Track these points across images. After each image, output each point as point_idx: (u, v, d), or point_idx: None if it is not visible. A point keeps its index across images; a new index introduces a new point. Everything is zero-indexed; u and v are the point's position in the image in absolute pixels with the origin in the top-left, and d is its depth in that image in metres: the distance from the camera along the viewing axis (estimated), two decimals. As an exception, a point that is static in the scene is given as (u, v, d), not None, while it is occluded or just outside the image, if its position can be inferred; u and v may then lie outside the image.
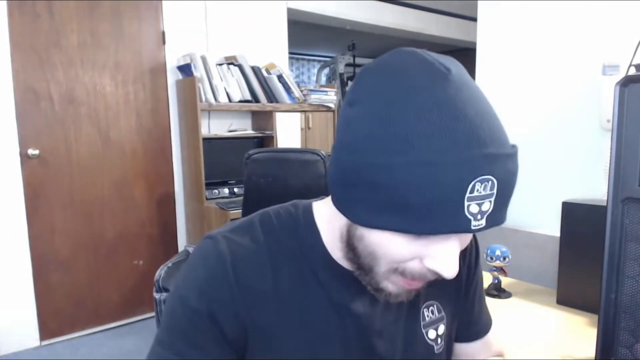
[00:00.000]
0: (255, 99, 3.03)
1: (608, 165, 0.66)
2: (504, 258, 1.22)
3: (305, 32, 4.64)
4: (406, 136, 0.43)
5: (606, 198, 0.66)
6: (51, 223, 2.60)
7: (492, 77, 1.60)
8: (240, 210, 2.31)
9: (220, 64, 2.96)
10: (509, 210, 0.48)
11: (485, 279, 1.28)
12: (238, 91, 2.98)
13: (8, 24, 2.37)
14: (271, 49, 3.36)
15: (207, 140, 2.89)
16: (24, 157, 2.48)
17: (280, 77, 3.13)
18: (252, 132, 3.19)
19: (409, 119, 0.43)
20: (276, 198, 0.73)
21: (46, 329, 2.61)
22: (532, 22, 1.47)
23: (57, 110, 2.58)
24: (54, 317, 2.64)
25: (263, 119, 3.20)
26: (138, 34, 2.83)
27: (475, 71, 1.68)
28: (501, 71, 1.57)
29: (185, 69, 2.88)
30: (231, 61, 3.01)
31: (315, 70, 7.70)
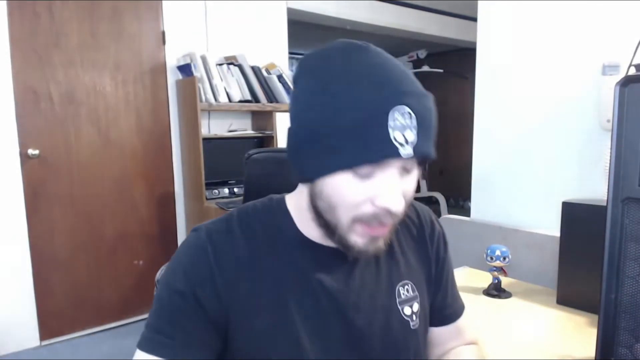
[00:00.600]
0: (255, 99, 3.03)
1: (608, 165, 0.66)
2: (504, 258, 1.22)
3: (305, 32, 4.63)
4: (334, 90, 0.53)
5: (606, 198, 0.66)
6: (51, 223, 2.60)
7: (492, 77, 1.60)
8: (240, 210, 2.30)
9: (220, 64, 2.96)
10: (509, 210, 0.48)
11: (485, 279, 1.29)
12: (238, 91, 2.98)
13: (8, 24, 2.37)
14: (271, 49, 3.35)
15: (207, 140, 2.89)
16: (24, 157, 2.48)
17: (280, 77, 3.13)
18: (252, 132, 3.19)
19: (335, 76, 0.54)
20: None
21: (46, 329, 2.61)
22: (532, 22, 1.47)
23: (57, 110, 2.58)
24: (54, 317, 2.64)
25: (263, 119, 3.20)
26: (138, 34, 2.83)
27: (475, 71, 1.68)
28: (501, 71, 1.57)
29: (185, 69, 2.88)
30: (231, 61, 3.01)
31: (315, 70, 7.68)
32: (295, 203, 0.65)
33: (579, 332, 1.03)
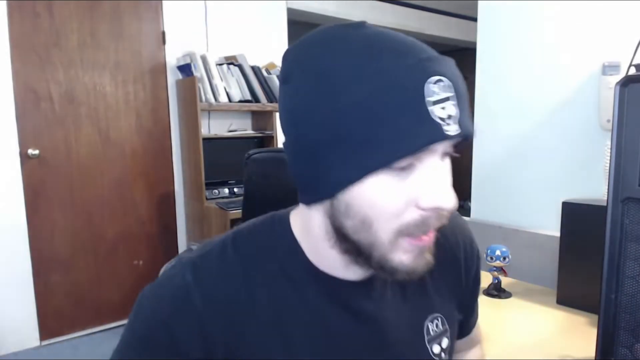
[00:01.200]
0: (255, 99, 3.03)
1: (608, 165, 0.66)
2: (504, 258, 1.22)
3: (305, 32, 4.63)
4: (343, 73, 0.42)
5: (606, 198, 0.66)
6: (51, 223, 2.60)
7: (492, 77, 1.60)
8: (240, 210, 2.31)
9: (220, 64, 2.96)
10: (509, 210, 0.48)
11: (485, 279, 1.29)
12: (238, 91, 2.98)
13: (8, 24, 2.37)
14: (271, 49, 3.35)
15: (207, 140, 2.89)
16: (24, 157, 2.48)
17: (280, 77, 3.13)
18: (252, 132, 3.19)
19: (340, 57, 0.43)
20: (276, 198, 0.73)
21: (46, 329, 2.61)
22: (532, 22, 1.47)
23: (57, 110, 2.58)
24: (54, 317, 2.64)
25: (263, 119, 3.20)
26: (138, 34, 2.83)
27: (475, 71, 1.68)
28: (501, 71, 1.57)
29: (185, 69, 2.88)
30: (231, 61, 3.01)
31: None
32: (301, 225, 0.53)
33: (579, 332, 1.03)
